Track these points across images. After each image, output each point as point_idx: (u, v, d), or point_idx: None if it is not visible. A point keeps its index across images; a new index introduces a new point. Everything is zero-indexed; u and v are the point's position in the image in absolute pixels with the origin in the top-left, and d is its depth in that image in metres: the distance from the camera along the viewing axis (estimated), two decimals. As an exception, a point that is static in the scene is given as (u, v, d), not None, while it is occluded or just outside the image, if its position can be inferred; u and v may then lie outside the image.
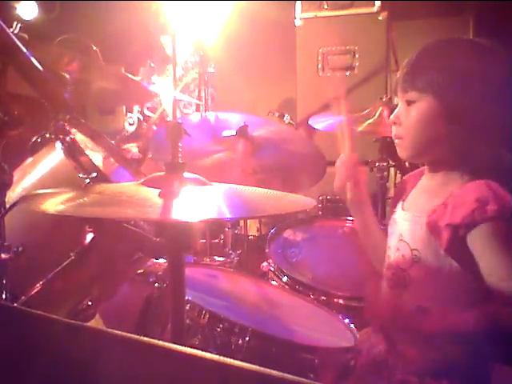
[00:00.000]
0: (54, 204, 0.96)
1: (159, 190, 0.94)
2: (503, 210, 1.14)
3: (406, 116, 1.28)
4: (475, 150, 1.22)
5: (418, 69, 1.26)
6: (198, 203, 0.94)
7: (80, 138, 1.57)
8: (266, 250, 2.01)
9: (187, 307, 1.38)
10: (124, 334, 0.64)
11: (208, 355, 0.59)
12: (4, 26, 1.20)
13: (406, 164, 2.62)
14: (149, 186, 0.97)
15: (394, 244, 1.35)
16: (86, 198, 0.99)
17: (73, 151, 1.43)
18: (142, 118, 3.51)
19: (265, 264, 1.98)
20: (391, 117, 1.32)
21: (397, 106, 1.33)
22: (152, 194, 0.94)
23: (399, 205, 1.40)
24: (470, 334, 1.16)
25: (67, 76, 1.71)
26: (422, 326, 1.19)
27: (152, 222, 1.38)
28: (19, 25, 1.67)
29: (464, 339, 1.19)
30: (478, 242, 1.16)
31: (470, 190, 1.19)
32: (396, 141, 1.32)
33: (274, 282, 1.88)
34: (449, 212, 1.18)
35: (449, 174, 1.28)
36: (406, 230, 1.32)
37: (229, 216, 0.93)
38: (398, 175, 2.90)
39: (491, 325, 1.14)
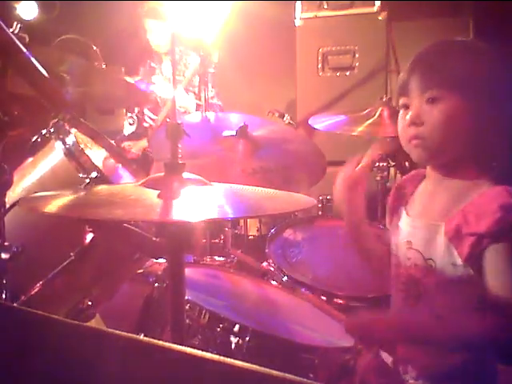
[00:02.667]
0: (54, 205, 0.96)
1: (159, 191, 0.94)
2: None
3: (429, 114, 1.21)
4: (498, 153, 1.20)
5: (441, 66, 1.22)
6: (198, 203, 0.95)
7: (80, 137, 1.57)
8: (266, 250, 2.01)
9: (187, 307, 1.38)
10: (124, 333, 0.64)
11: (208, 355, 0.59)
12: (4, 26, 1.20)
13: (406, 164, 2.62)
14: (149, 187, 0.97)
15: (402, 253, 1.29)
16: (85, 200, 0.99)
17: (73, 151, 1.43)
18: (139, 117, 3.51)
19: (265, 264, 1.98)
20: (408, 117, 1.23)
21: (399, 106, 1.30)
22: (152, 195, 0.94)
23: (401, 210, 1.35)
24: (481, 339, 1.15)
25: (67, 77, 1.71)
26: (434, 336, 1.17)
27: (152, 222, 1.38)
28: (19, 25, 1.67)
29: (474, 344, 1.17)
30: (500, 257, 1.12)
31: (491, 196, 1.14)
32: (414, 142, 1.24)
33: (273, 282, 1.88)
34: (472, 220, 1.14)
35: (464, 178, 1.23)
36: (417, 238, 1.26)
37: (230, 216, 0.93)
38: (398, 175, 2.90)
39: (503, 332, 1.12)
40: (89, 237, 1.35)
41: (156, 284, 1.79)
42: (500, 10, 3.20)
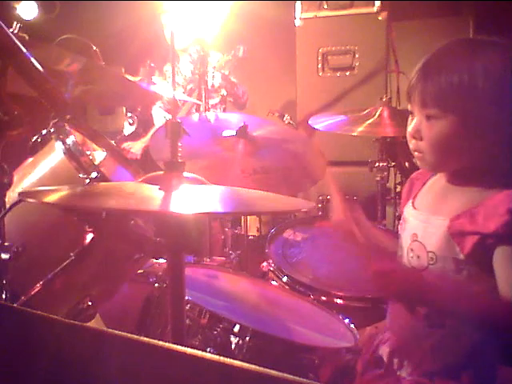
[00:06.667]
0: (50, 197, 0.96)
1: (157, 186, 0.95)
2: None
3: (427, 131, 1.24)
4: (502, 158, 1.20)
5: (439, 81, 1.20)
6: (195, 199, 0.95)
7: (80, 137, 1.57)
8: (266, 250, 2.02)
9: (187, 307, 1.38)
10: (124, 333, 0.64)
11: (208, 355, 0.59)
12: (4, 26, 1.20)
13: (406, 164, 2.62)
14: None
15: (407, 245, 1.31)
16: (81, 192, 0.99)
17: (73, 151, 1.43)
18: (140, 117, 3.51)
19: (265, 264, 1.98)
20: (409, 129, 1.27)
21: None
22: (148, 189, 0.94)
23: (409, 203, 1.37)
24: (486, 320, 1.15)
25: (68, 76, 1.71)
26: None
27: (151, 222, 1.38)
28: (19, 25, 1.66)
29: (473, 339, 1.19)
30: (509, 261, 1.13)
31: (502, 200, 1.15)
32: (416, 154, 1.28)
33: (273, 282, 1.88)
34: (478, 220, 1.16)
35: (472, 180, 1.25)
36: (421, 230, 1.28)
37: (224, 210, 0.93)
38: (398, 175, 2.90)
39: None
40: (89, 237, 1.35)
41: (156, 284, 1.79)
42: (500, 10, 3.20)
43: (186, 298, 1.35)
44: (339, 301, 1.77)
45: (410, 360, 1.25)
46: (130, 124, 3.64)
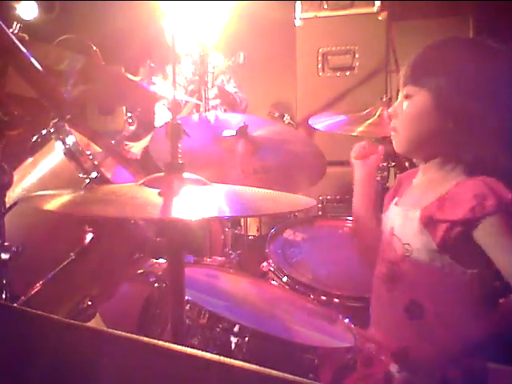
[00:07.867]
0: (54, 203, 0.96)
1: (157, 190, 0.94)
2: (502, 204, 1.15)
3: (403, 108, 1.30)
4: (469, 149, 1.23)
5: (418, 64, 1.28)
6: (198, 203, 0.94)
7: (80, 137, 1.57)
8: (266, 250, 2.01)
9: (187, 307, 1.38)
10: (124, 333, 0.64)
11: (208, 355, 0.59)
12: (4, 26, 1.20)
13: (406, 164, 2.62)
14: (149, 187, 0.97)
15: (386, 239, 1.36)
16: (81, 198, 0.99)
17: (73, 151, 1.42)
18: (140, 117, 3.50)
19: (265, 264, 1.98)
20: (389, 109, 1.34)
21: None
22: (149, 193, 0.94)
23: (393, 201, 1.41)
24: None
25: (67, 76, 1.71)
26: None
27: (152, 222, 1.38)
28: (19, 25, 1.67)
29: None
30: (487, 240, 1.16)
31: (468, 187, 1.20)
32: (392, 133, 1.34)
33: (274, 282, 1.88)
34: (447, 208, 1.20)
35: (442, 170, 1.29)
36: (397, 224, 1.33)
37: (227, 214, 0.93)
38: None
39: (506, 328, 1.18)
40: (89, 237, 1.35)
41: (156, 284, 1.79)
42: (500, 10, 3.20)
43: (186, 297, 1.35)
44: (339, 301, 1.77)
45: (398, 356, 1.27)
46: (129, 124, 3.63)
